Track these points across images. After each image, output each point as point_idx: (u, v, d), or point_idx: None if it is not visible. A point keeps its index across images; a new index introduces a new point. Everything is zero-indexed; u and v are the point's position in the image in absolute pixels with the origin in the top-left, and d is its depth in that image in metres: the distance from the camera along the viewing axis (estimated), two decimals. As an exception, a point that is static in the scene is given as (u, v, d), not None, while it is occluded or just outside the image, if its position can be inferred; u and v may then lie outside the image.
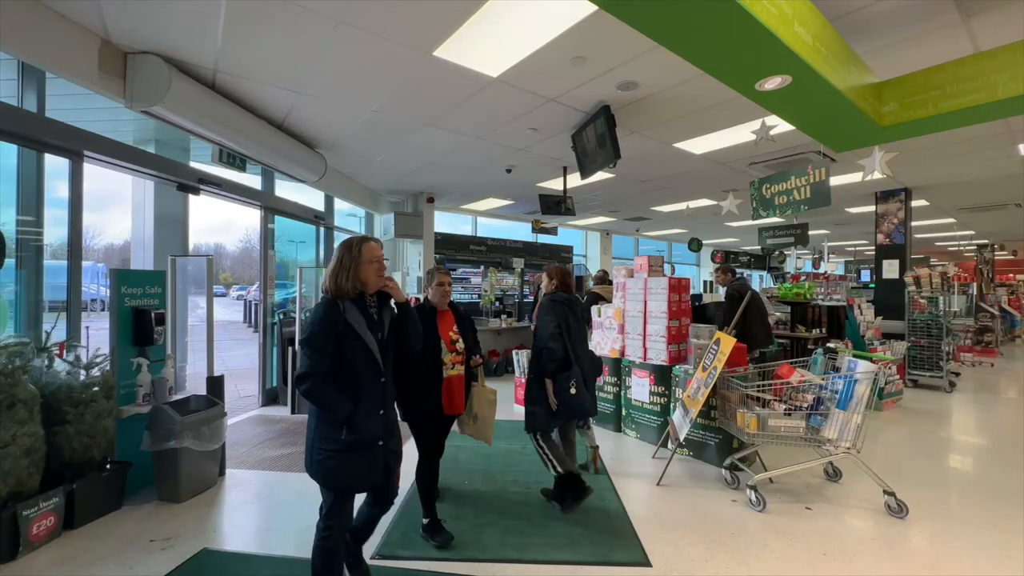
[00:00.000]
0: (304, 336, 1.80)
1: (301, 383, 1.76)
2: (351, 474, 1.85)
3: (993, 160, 5.59)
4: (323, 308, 1.82)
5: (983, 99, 2.42)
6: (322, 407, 1.80)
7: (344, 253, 1.88)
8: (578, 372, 2.87)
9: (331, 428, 1.80)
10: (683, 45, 1.94)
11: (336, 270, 1.85)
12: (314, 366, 1.76)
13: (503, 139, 5.03)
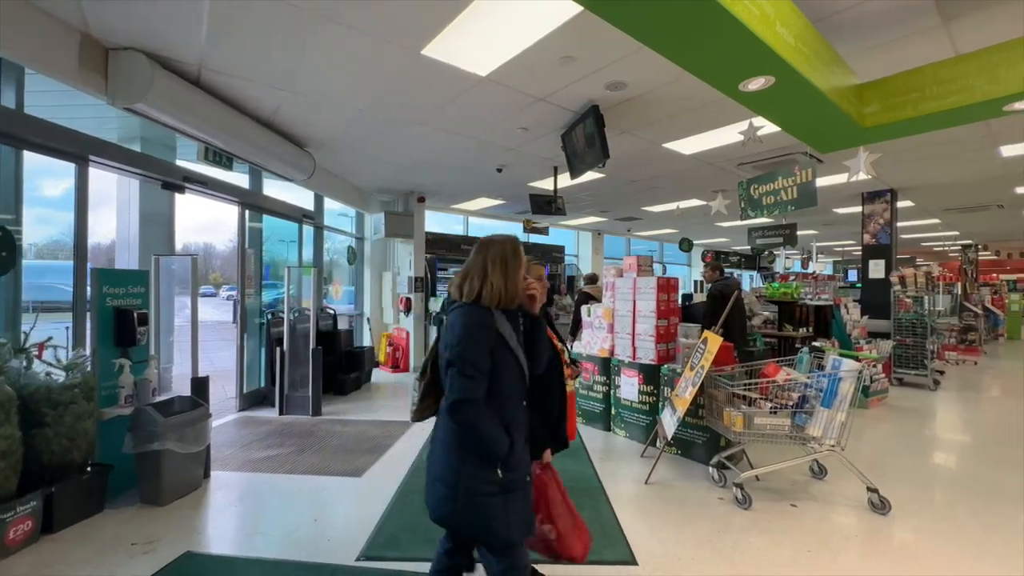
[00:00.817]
0: (456, 353, 1.45)
1: (458, 412, 1.44)
2: (515, 522, 1.51)
3: (975, 162, 5.69)
4: (476, 318, 1.49)
5: (961, 101, 2.46)
6: (480, 440, 1.46)
7: (510, 255, 1.58)
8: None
9: (483, 465, 1.48)
10: (666, 45, 1.95)
11: (501, 272, 1.54)
12: (474, 390, 1.43)
13: (493, 138, 5.03)
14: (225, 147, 4.18)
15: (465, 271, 1.62)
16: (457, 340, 1.48)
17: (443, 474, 1.52)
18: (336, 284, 7.74)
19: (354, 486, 3.33)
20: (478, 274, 1.57)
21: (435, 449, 1.59)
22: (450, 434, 1.54)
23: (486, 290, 1.53)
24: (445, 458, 1.53)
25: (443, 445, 1.55)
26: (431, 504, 1.57)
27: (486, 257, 1.59)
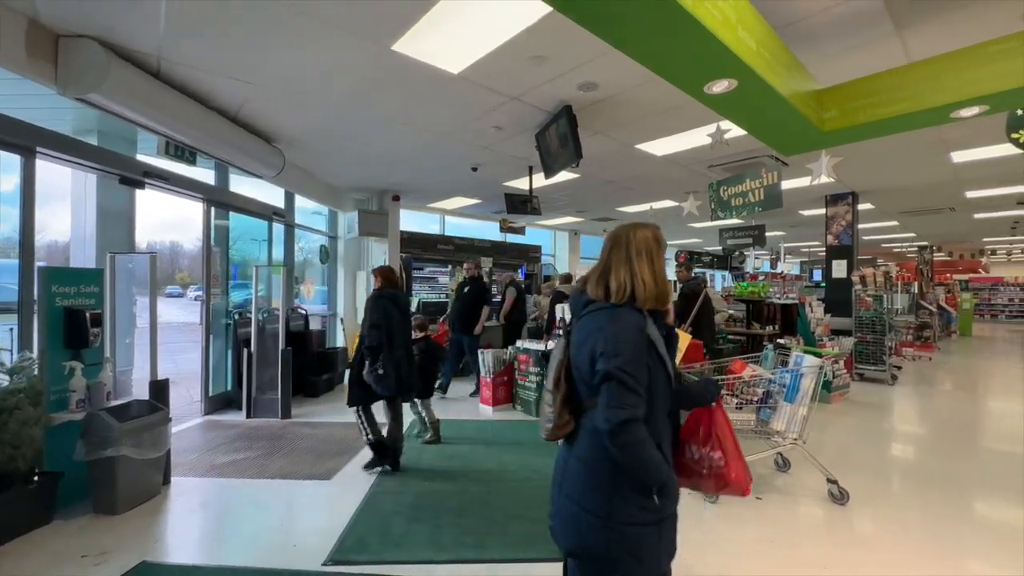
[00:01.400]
0: (616, 364, 1.24)
1: (621, 433, 1.23)
2: (666, 552, 1.36)
3: (929, 167, 5.97)
4: (633, 322, 1.29)
5: (911, 108, 2.58)
6: (641, 464, 1.26)
7: (654, 246, 1.37)
8: (397, 357, 3.41)
9: (640, 492, 1.28)
10: (631, 46, 1.97)
11: (649, 267, 1.34)
12: (637, 407, 1.24)
13: (467, 137, 5.00)
14: (188, 141, 4.03)
15: (604, 266, 1.40)
16: (614, 349, 1.25)
17: (592, 503, 1.32)
18: (308, 284, 7.57)
19: (323, 489, 3.26)
20: (625, 269, 1.34)
21: (576, 473, 1.36)
22: (600, 457, 1.31)
23: (638, 289, 1.31)
24: (594, 484, 1.32)
25: (589, 469, 1.33)
26: (568, 534, 1.37)
27: (629, 249, 1.36)
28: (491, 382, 5.35)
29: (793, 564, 2.43)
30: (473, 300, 5.86)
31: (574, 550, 1.38)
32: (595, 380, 1.29)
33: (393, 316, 3.46)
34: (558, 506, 1.40)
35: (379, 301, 3.44)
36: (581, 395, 1.38)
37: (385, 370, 3.32)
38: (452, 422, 4.85)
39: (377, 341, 3.33)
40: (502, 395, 5.43)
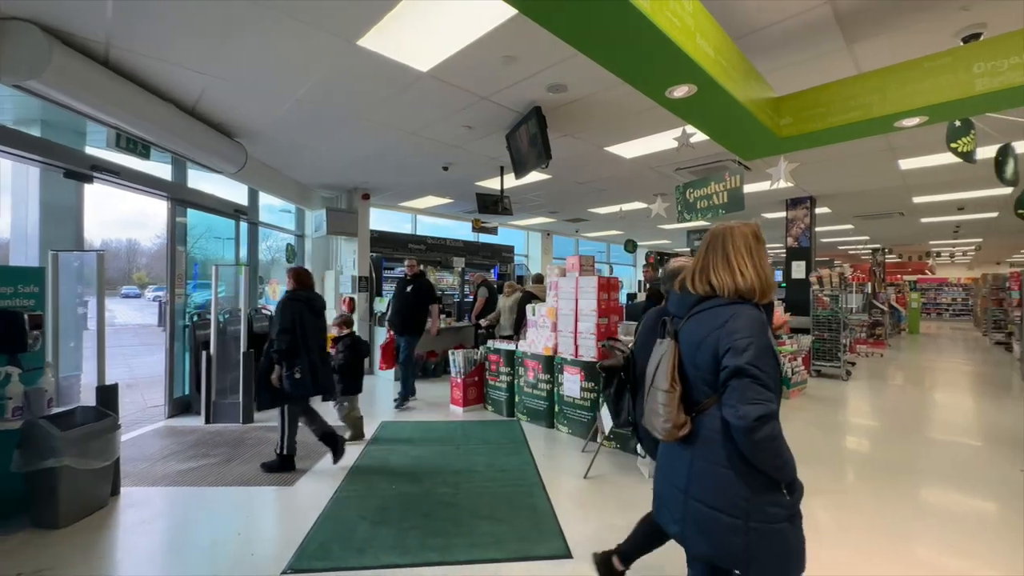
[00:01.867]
0: (749, 360, 1.24)
1: (761, 429, 1.21)
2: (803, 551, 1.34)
3: (879, 173, 6.29)
4: (758, 317, 1.29)
5: (859, 117, 2.72)
6: (778, 460, 1.26)
7: (752, 241, 1.38)
8: (312, 360, 3.42)
9: (772, 489, 1.28)
10: (594, 49, 2.00)
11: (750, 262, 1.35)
12: (771, 401, 1.23)
13: (438, 136, 4.96)
14: (140, 133, 3.84)
15: (702, 264, 1.41)
16: (742, 344, 1.25)
17: (729, 505, 1.29)
18: (273, 283, 7.33)
19: (286, 496, 3.17)
20: (724, 266, 1.36)
21: (706, 474, 1.33)
22: (731, 456, 1.29)
23: (741, 285, 1.33)
24: (727, 485, 1.29)
25: (721, 469, 1.31)
26: (703, 540, 1.34)
27: (727, 247, 1.38)
28: (462, 382, 5.32)
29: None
30: (417, 300, 5.54)
31: (711, 555, 1.35)
32: (722, 377, 1.28)
33: (306, 319, 3.45)
34: (687, 511, 1.37)
35: (290, 304, 3.43)
36: (697, 394, 1.37)
37: (301, 373, 3.34)
38: (421, 424, 4.81)
39: (288, 345, 3.32)
40: (473, 395, 5.41)
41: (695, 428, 1.37)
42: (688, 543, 1.39)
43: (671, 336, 1.43)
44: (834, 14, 2.77)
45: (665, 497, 1.46)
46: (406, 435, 4.42)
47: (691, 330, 1.39)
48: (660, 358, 1.43)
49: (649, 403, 1.43)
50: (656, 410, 1.40)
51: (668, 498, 1.45)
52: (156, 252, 35.42)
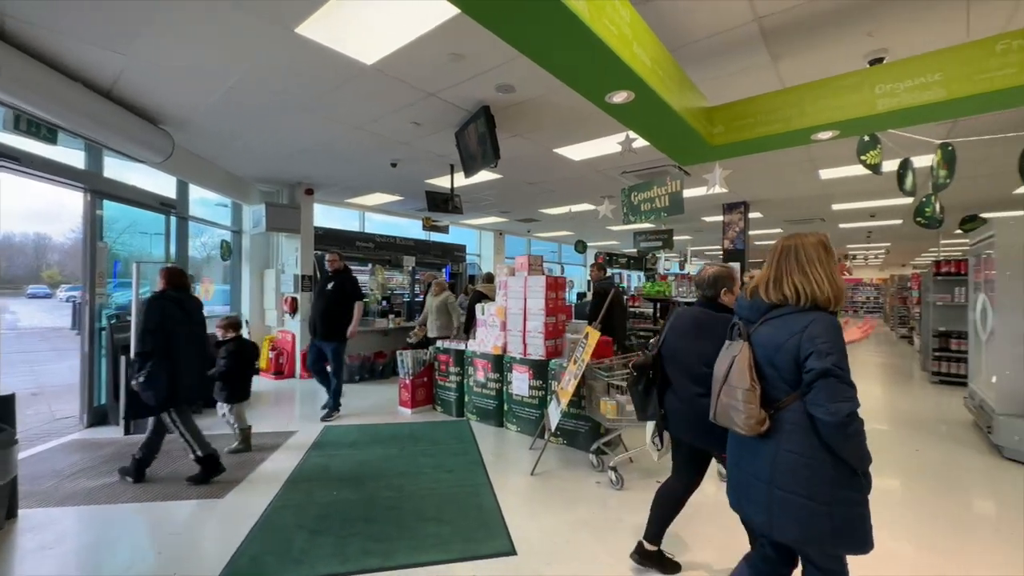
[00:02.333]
0: (834, 362, 1.38)
1: (850, 425, 1.36)
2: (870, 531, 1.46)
3: (803, 182, 6.83)
4: (832, 322, 1.43)
5: (781, 129, 2.94)
6: (861, 451, 1.41)
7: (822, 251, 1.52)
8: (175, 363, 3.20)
9: (853, 477, 1.43)
10: (535, 51, 2.03)
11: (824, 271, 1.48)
12: (855, 399, 1.38)
13: (385, 131, 4.84)
14: (45, 115, 3.46)
15: (775, 274, 1.54)
16: (826, 348, 1.38)
17: (817, 492, 1.42)
18: (206, 282, 6.87)
19: (215, 509, 2.97)
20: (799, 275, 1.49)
21: (792, 465, 1.45)
22: (816, 447, 1.42)
23: (815, 293, 1.47)
24: (814, 474, 1.42)
25: (807, 460, 1.44)
26: (790, 525, 1.45)
27: (799, 257, 1.50)
28: (410, 384, 5.23)
29: (685, 535, 2.64)
30: (339, 298, 4.97)
31: (799, 539, 1.46)
32: (808, 378, 1.41)
33: (176, 319, 3.23)
34: (773, 500, 1.47)
35: (156, 303, 3.20)
36: (775, 392, 1.50)
37: (153, 378, 3.07)
38: (367, 427, 4.67)
39: (150, 346, 3.09)
40: (422, 396, 5.33)
41: (776, 423, 1.48)
42: (775, 529, 1.50)
43: (744, 339, 1.56)
44: (760, 32, 2.97)
45: (746, 488, 1.57)
46: (351, 439, 4.28)
47: (768, 334, 1.52)
48: (733, 359, 1.54)
49: (725, 400, 1.55)
50: (736, 407, 1.51)
51: (749, 489, 1.56)
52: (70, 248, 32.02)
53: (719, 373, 1.60)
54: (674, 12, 2.74)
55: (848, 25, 2.89)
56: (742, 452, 1.60)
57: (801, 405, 1.45)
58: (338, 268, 5.22)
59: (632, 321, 7.30)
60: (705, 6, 2.68)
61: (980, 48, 2.33)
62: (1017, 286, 3.92)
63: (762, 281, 1.57)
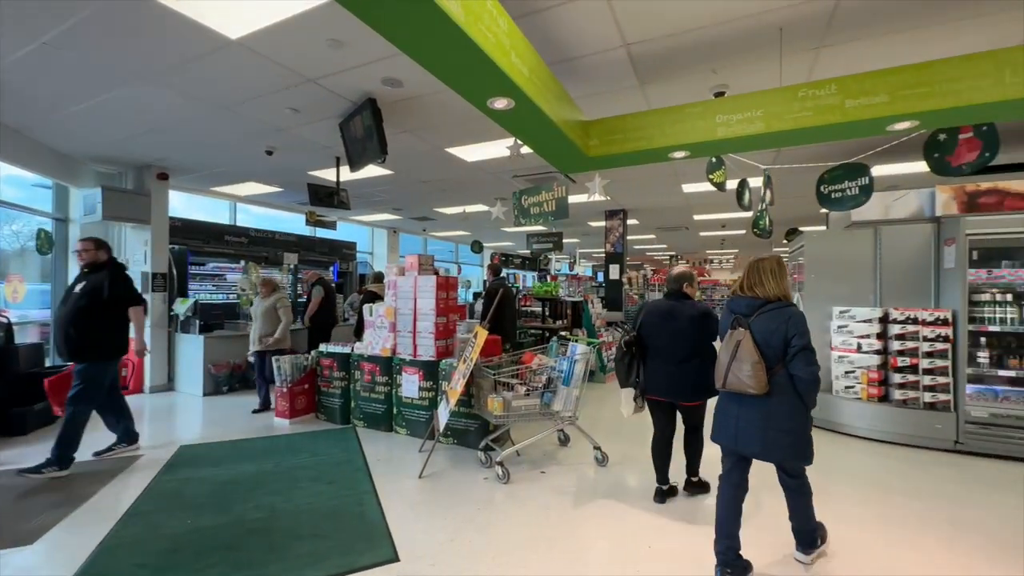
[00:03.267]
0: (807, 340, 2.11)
1: (817, 380, 2.11)
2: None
3: (670, 194, 7.72)
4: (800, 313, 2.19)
5: (645, 146, 3.31)
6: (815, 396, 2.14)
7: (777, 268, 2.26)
8: None
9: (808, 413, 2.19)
10: (413, 50, 2.01)
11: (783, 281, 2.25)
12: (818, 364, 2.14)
13: (256, 115, 4.38)
14: None
15: (751, 282, 2.27)
16: (802, 331, 2.11)
17: (795, 425, 2.14)
18: (13, 281, 5.55)
19: (20, 558, 2.42)
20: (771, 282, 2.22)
21: (783, 413, 2.14)
22: (796, 398, 2.13)
23: (781, 293, 2.20)
24: (796, 413, 2.14)
25: (792, 408, 2.13)
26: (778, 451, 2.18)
27: (765, 271, 2.25)
28: (288, 392, 4.81)
29: (565, 523, 2.82)
30: (91, 304, 3.53)
31: (782, 458, 2.22)
32: (792, 351, 2.10)
33: None
34: (767, 438, 2.16)
35: None
36: (769, 363, 2.14)
37: None
38: (235, 443, 4.20)
39: None
40: (302, 405, 4.94)
41: (771, 385, 2.15)
42: (766, 454, 2.20)
43: (745, 327, 2.20)
44: (629, 57, 3.30)
45: (744, 432, 2.22)
46: (213, 458, 3.80)
47: (763, 323, 2.18)
48: (738, 342, 2.18)
49: (736, 372, 2.18)
50: (746, 376, 2.15)
51: (747, 432, 2.21)
52: None
53: (726, 354, 2.23)
54: (551, 28, 2.91)
55: (698, 62, 3.34)
56: (740, 409, 2.24)
57: (785, 371, 2.13)
58: (94, 261, 3.70)
59: (523, 320, 7.59)
60: (579, 27, 2.89)
61: (788, 93, 2.87)
62: (819, 285, 4.89)
63: (745, 286, 2.31)
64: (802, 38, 3.03)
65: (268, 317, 5.21)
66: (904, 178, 6.08)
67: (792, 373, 2.11)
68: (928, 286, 4.40)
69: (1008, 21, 2.84)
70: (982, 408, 3.99)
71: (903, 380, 4.24)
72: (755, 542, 2.50)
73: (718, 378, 2.29)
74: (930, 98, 2.55)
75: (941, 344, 4.11)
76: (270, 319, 5.21)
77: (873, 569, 2.38)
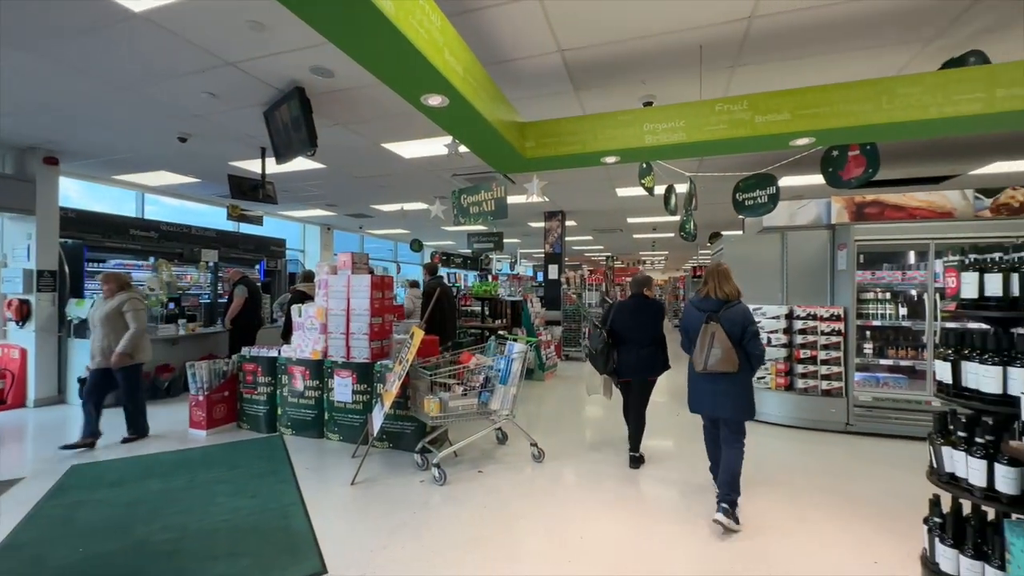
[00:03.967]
0: (757, 327, 2.82)
1: (764, 354, 2.82)
2: None
3: (605, 197, 8.02)
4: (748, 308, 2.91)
5: (579, 150, 3.41)
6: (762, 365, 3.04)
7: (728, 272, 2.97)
8: None
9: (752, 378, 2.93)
10: (340, 40, 1.93)
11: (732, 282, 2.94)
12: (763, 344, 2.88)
13: (168, 97, 3.99)
14: None
15: (713, 284, 2.92)
16: (753, 320, 2.80)
17: (750, 390, 2.85)
18: None
19: None
20: (727, 284, 2.89)
21: (742, 382, 2.81)
22: (750, 371, 2.82)
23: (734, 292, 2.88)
24: (748, 381, 2.84)
25: (746, 376, 2.82)
26: (731, 410, 2.83)
27: (722, 275, 2.92)
28: (205, 400, 4.43)
29: (501, 521, 2.84)
30: None
31: (731, 416, 2.85)
32: (748, 336, 2.76)
33: None
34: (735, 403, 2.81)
35: None
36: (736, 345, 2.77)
37: None
38: (140, 459, 3.81)
39: None
40: (222, 414, 4.57)
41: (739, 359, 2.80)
42: (732, 414, 2.84)
43: (716, 321, 2.79)
44: (564, 64, 3.38)
45: (717, 400, 2.84)
46: (112, 478, 3.41)
47: (730, 316, 2.79)
48: (713, 334, 2.77)
49: (715, 356, 2.75)
50: (723, 359, 2.73)
51: (719, 400, 2.84)
52: None
53: (703, 342, 2.81)
54: (486, 29, 2.92)
55: (628, 72, 3.50)
56: (715, 386, 2.84)
57: (742, 351, 2.76)
58: None
59: (463, 320, 7.54)
60: (514, 29, 2.92)
61: (707, 107, 3.09)
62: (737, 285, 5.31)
63: (710, 290, 2.91)
64: (719, 57, 3.27)
65: (111, 323, 4.01)
66: (807, 189, 6.76)
67: (748, 352, 2.76)
68: (825, 286, 4.93)
69: (889, 54, 3.26)
70: (867, 393, 4.54)
71: (804, 370, 4.72)
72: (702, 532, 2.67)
73: (697, 364, 2.85)
74: (824, 118, 2.85)
75: (835, 338, 4.62)
76: (114, 326, 4.02)
77: (782, 542, 2.62)
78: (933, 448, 2.14)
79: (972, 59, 2.86)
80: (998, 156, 5.45)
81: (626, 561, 2.44)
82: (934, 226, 4.36)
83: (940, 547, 2.06)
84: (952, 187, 5.85)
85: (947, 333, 2.19)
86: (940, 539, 2.07)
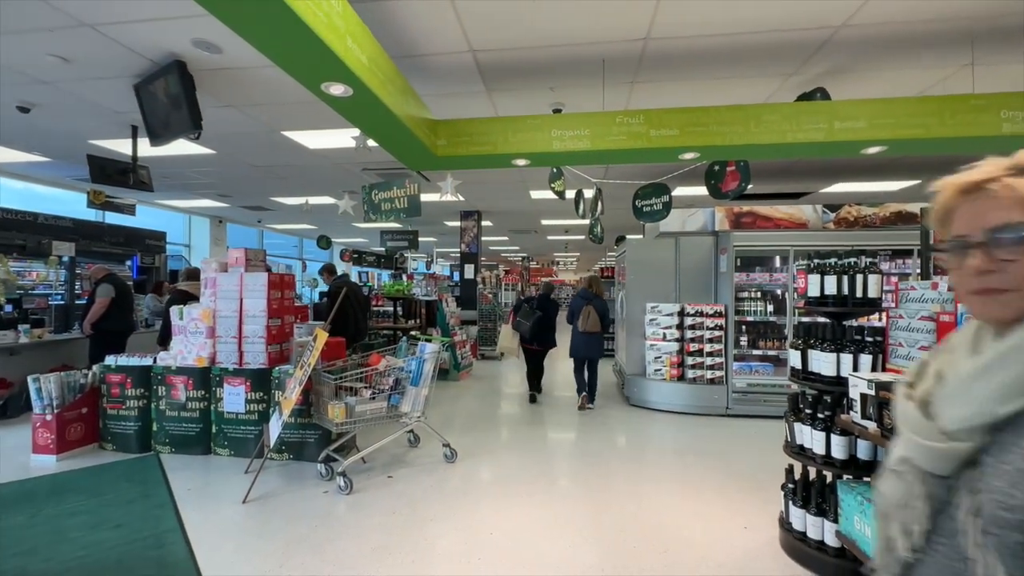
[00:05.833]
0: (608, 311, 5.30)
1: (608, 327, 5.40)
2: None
3: (519, 199, 8.20)
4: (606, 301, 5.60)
5: (490, 151, 3.46)
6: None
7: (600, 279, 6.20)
8: None
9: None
10: (224, 15, 1.75)
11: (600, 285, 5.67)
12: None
13: (3, 59, 3.32)
14: None
15: (588, 285, 5.52)
16: (607, 308, 5.53)
17: (601, 341, 5.43)
18: None
19: None
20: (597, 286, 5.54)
21: (601, 338, 5.40)
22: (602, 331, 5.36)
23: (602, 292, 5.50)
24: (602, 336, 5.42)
25: (601, 334, 5.39)
26: (595, 351, 5.37)
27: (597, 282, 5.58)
28: (55, 419, 3.75)
29: (411, 526, 2.77)
30: None
31: (594, 356, 5.38)
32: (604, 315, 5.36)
33: None
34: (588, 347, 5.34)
35: None
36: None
37: None
38: (-38, 495, 3.12)
39: None
40: (78, 435, 3.90)
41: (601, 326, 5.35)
42: (587, 354, 5.34)
43: (591, 305, 5.28)
44: (476, 64, 3.40)
45: (590, 348, 5.31)
46: (-81, 521, 2.76)
47: (597, 305, 5.29)
48: (589, 312, 5.26)
49: (590, 324, 5.26)
50: (592, 327, 5.25)
51: (591, 348, 5.31)
52: None
53: (584, 315, 5.22)
54: (394, 21, 2.83)
55: (538, 78, 3.61)
56: (587, 340, 5.30)
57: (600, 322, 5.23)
58: None
59: (375, 320, 7.25)
60: (424, 25, 2.87)
61: (608, 118, 3.31)
62: (637, 284, 5.76)
63: (593, 288, 5.39)
64: (621, 71, 3.51)
65: None
66: (697, 198, 7.52)
67: (603, 323, 5.17)
68: (710, 286, 5.52)
69: (762, 84, 3.73)
70: (743, 380, 5.17)
71: (694, 362, 5.25)
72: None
73: (580, 327, 5.29)
74: (706, 136, 3.20)
75: (718, 332, 5.19)
76: None
77: (673, 514, 2.89)
78: (788, 424, 2.51)
79: (818, 95, 3.39)
80: (841, 178, 6.53)
81: (532, 549, 2.52)
82: (793, 235, 5.09)
83: (792, 508, 2.42)
84: (807, 203, 6.89)
85: (798, 326, 2.57)
86: (792, 502, 2.43)
